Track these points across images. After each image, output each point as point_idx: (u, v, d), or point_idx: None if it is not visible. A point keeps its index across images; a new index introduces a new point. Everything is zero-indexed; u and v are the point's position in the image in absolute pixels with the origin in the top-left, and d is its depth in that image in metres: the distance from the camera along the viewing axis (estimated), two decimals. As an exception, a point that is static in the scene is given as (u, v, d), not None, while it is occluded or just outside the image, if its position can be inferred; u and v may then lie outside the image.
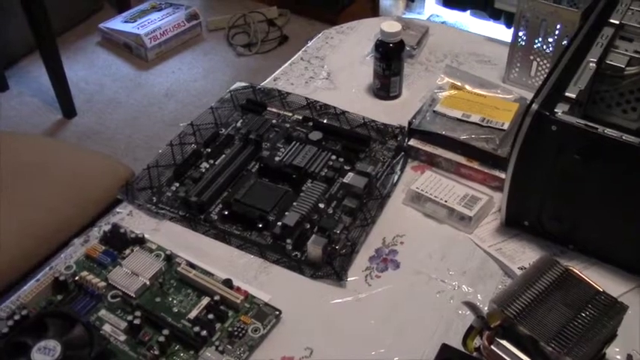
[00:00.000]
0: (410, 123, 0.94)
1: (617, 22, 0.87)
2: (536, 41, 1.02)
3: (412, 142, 0.94)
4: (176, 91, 2.21)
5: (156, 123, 2.08)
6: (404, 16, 2.38)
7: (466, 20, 2.37)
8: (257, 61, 2.31)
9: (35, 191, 1.20)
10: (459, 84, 1.00)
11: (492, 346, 0.63)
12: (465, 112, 0.94)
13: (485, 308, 0.68)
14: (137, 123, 2.09)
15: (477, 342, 0.67)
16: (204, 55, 2.37)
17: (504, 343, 0.63)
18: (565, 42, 0.98)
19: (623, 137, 0.70)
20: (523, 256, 0.80)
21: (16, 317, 0.70)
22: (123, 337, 0.70)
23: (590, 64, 0.80)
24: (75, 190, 1.20)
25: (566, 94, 0.75)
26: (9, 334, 0.67)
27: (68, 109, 2.09)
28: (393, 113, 1.02)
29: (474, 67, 1.10)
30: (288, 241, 0.81)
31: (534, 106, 0.73)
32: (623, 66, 0.84)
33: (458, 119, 0.94)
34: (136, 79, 2.27)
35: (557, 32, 0.99)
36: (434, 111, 0.95)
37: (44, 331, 0.63)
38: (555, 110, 0.73)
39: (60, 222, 1.15)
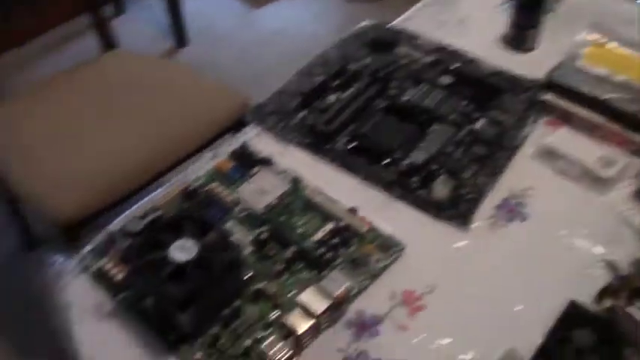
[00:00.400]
0: (549, 77, 0.90)
1: None
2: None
3: (548, 97, 0.90)
4: (285, 32, 2.21)
5: (263, 61, 2.10)
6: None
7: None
8: (368, 8, 2.27)
9: (156, 109, 1.24)
10: (605, 41, 0.95)
11: (629, 308, 0.61)
12: (610, 71, 0.89)
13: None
14: (245, 59, 2.11)
15: (608, 302, 0.65)
16: (315, -2, 2.36)
17: (644, 305, 0.61)
18: None
19: None
20: (660, 224, 0.76)
21: (150, 217, 0.73)
22: (248, 250, 0.72)
23: None
24: (191, 112, 1.24)
25: None
26: (145, 230, 0.70)
27: (180, 39, 2.13)
28: (526, 66, 0.97)
29: (618, 27, 1.04)
30: (415, 178, 0.80)
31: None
32: None
33: (601, 77, 0.89)
34: (247, 16, 2.28)
35: None
36: (576, 66, 0.91)
37: (180, 232, 0.65)
38: None
39: (177, 139, 1.19)
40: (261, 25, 2.24)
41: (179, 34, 2.11)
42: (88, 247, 0.71)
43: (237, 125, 1.20)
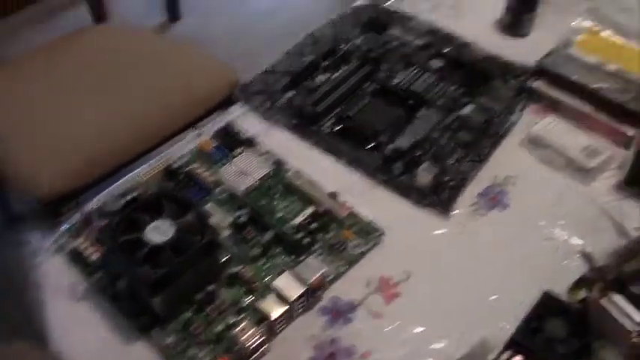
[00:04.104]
0: (539, 64, 0.89)
1: None
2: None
3: (538, 84, 0.89)
4: (281, 9, 2.18)
5: (257, 38, 2.07)
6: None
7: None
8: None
9: (146, 83, 1.23)
10: (598, 29, 0.94)
11: (603, 300, 0.61)
12: (601, 60, 0.88)
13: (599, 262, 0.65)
14: (239, 35, 2.08)
15: (582, 293, 0.65)
16: (313, -25, 2.32)
17: (617, 298, 0.61)
18: None
19: None
20: (641, 217, 0.76)
21: (129, 197, 0.73)
22: (227, 232, 0.72)
23: None
24: (183, 87, 1.23)
25: None
26: (123, 210, 0.70)
27: (173, 12, 2.10)
28: (518, 52, 0.96)
29: (613, 15, 1.02)
30: (398, 164, 0.80)
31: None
32: None
33: (592, 66, 0.88)
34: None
35: None
36: (568, 54, 0.90)
37: (158, 212, 0.65)
38: None
39: (167, 115, 1.18)
40: (256, 2, 2.21)
41: (172, 8, 2.09)
42: (65, 226, 0.71)
43: (227, 103, 1.19)
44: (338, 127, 0.84)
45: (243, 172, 0.77)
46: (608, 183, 0.80)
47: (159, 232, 0.63)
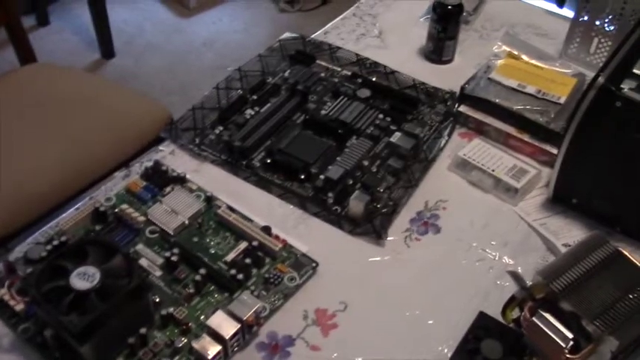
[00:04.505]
0: (462, 88, 0.92)
1: (690, 3, 0.83)
2: (599, 18, 0.99)
3: (463, 108, 0.91)
4: (215, 41, 2.19)
5: (192, 71, 2.07)
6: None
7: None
8: (298, 19, 2.28)
9: (75, 124, 1.20)
10: (516, 53, 0.97)
11: (534, 318, 0.62)
12: (521, 83, 0.91)
13: (528, 281, 0.67)
14: (174, 69, 2.08)
15: (515, 313, 0.66)
16: (246, 8, 2.35)
17: (547, 315, 0.62)
18: (632, 20, 0.94)
19: (692, 120, 0.67)
20: (568, 233, 0.78)
21: (55, 242, 0.70)
22: (158, 273, 0.70)
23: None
24: (114, 127, 1.21)
25: (635, 70, 0.72)
26: (48, 257, 0.67)
27: (107, 50, 2.08)
28: (443, 78, 0.99)
29: (530, 40, 1.07)
30: (330, 194, 0.80)
31: (600, 80, 0.71)
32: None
33: (513, 89, 0.91)
34: (176, 25, 2.25)
35: (623, 10, 0.95)
36: (489, 78, 0.92)
37: (84, 258, 0.63)
38: (622, 86, 0.70)
39: (97, 157, 1.15)
40: (191, 34, 2.22)
41: (105, 46, 2.07)
42: (-13, 277, 0.68)
43: (160, 140, 1.17)
44: (268, 161, 0.84)
45: (173, 211, 0.76)
46: (535, 202, 0.82)
47: (84, 278, 0.60)
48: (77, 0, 2.21)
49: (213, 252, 0.72)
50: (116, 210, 0.76)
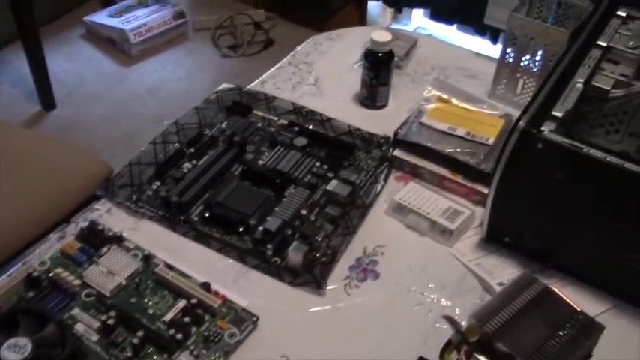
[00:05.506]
0: (395, 133, 0.94)
1: (604, 45, 0.88)
2: (524, 59, 1.03)
3: (397, 153, 0.94)
4: (158, 89, 2.19)
5: (136, 120, 2.06)
6: (390, 26, 2.39)
7: (452, 34, 2.39)
8: (242, 64, 2.30)
9: (8, 183, 1.17)
10: (446, 97, 1.00)
11: (471, 361, 0.63)
12: (451, 126, 0.94)
13: (464, 323, 0.68)
14: (117, 119, 2.06)
15: (453, 356, 0.67)
16: (188, 54, 2.36)
17: (482, 358, 0.63)
18: (553, 61, 0.99)
19: (608, 158, 0.70)
20: (503, 272, 0.80)
21: (-14, 312, 0.69)
22: (95, 337, 0.69)
23: (577, 85, 0.81)
24: (50, 185, 1.18)
25: (554, 113, 0.76)
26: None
27: (47, 102, 2.05)
28: (378, 123, 1.01)
29: (460, 81, 1.11)
30: (269, 246, 0.80)
31: (521, 124, 0.74)
32: (609, 88, 0.85)
33: (443, 132, 0.94)
34: (118, 74, 2.24)
35: (545, 52, 1.00)
36: (420, 123, 0.95)
37: (15, 328, 0.61)
38: (542, 129, 0.73)
39: (33, 217, 1.13)
40: (133, 83, 2.21)
41: (46, 97, 2.04)
42: None
43: (98, 197, 1.16)
44: (207, 215, 0.84)
45: (110, 272, 0.75)
46: (471, 242, 0.84)
47: (15, 350, 0.59)
48: (15, 52, 2.18)
49: (151, 312, 0.72)
50: (50, 274, 0.74)
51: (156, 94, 2.17)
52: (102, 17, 2.36)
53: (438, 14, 2.33)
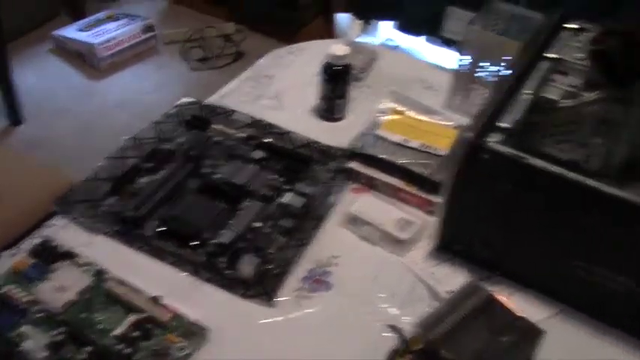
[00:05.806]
0: (351, 145, 0.95)
1: (554, 57, 0.90)
2: (478, 70, 1.05)
3: (353, 165, 0.95)
4: (128, 102, 2.18)
5: (105, 134, 2.05)
6: (359, 38, 2.41)
7: (420, 46, 2.42)
8: (211, 77, 2.31)
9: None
10: (402, 109, 1.02)
11: (415, 370, 0.64)
12: (406, 137, 0.96)
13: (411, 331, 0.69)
14: (86, 133, 2.05)
15: (401, 365, 0.68)
16: (158, 67, 2.36)
17: (426, 367, 0.64)
18: (505, 73, 1.01)
19: (549, 168, 0.72)
20: (453, 280, 0.81)
21: None
22: (44, 354, 0.69)
23: (525, 96, 0.83)
24: (7, 201, 1.17)
25: (499, 124, 0.77)
26: None
27: (14, 116, 2.04)
28: (336, 135, 1.02)
29: (419, 93, 1.12)
30: (222, 259, 0.81)
31: (467, 135, 0.75)
32: (558, 99, 0.86)
33: (398, 144, 0.95)
34: (87, 88, 2.24)
35: (499, 63, 1.02)
36: (375, 135, 0.96)
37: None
38: (487, 140, 0.75)
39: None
40: (102, 97, 2.20)
41: (13, 112, 2.03)
42: None
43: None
44: (162, 229, 0.85)
45: (61, 288, 0.75)
46: (422, 252, 0.86)
47: (-42, 368, 0.59)
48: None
49: (101, 327, 0.72)
50: (1, 292, 0.74)
51: (125, 107, 2.16)
52: (71, 31, 2.35)
53: (407, 26, 2.36)
